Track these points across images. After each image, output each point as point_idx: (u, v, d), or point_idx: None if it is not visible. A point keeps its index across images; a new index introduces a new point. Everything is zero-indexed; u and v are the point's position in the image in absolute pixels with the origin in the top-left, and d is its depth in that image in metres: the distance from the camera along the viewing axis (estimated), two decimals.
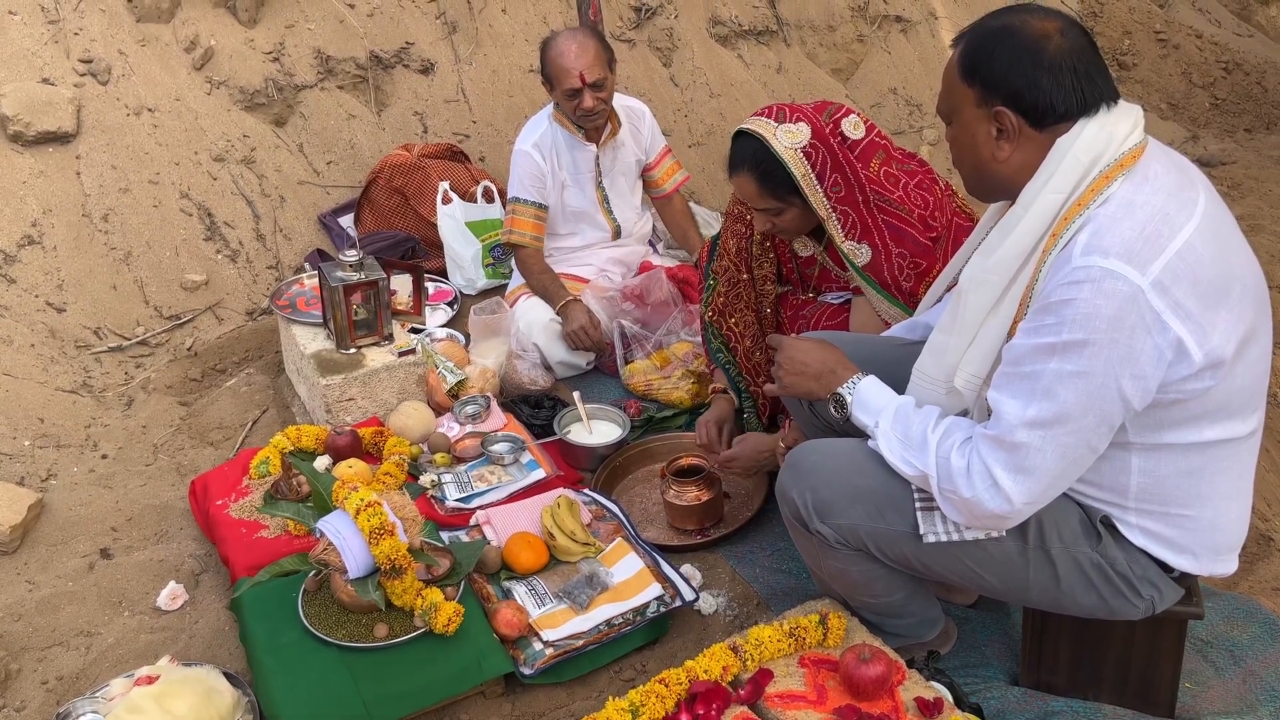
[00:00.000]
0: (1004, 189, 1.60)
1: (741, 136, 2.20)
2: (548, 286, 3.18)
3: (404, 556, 1.99)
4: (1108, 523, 1.64)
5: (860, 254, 2.22)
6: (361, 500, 2.00)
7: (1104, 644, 1.85)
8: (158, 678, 1.91)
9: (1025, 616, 1.91)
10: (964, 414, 1.67)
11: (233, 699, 1.93)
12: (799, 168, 2.15)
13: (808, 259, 2.46)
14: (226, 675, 1.98)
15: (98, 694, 1.94)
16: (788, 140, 2.15)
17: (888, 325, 2.24)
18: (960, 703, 1.78)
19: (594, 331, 3.05)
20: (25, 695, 2.04)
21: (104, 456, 2.81)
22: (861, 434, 1.75)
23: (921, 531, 1.65)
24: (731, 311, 2.51)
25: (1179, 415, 1.51)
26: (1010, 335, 1.56)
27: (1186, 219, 1.46)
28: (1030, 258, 1.54)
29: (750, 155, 2.18)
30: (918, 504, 1.65)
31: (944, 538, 1.64)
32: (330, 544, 1.99)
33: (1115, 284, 1.40)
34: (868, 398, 1.73)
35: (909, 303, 2.22)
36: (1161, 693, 1.87)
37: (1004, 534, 1.63)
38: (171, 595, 2.28)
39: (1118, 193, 1.47)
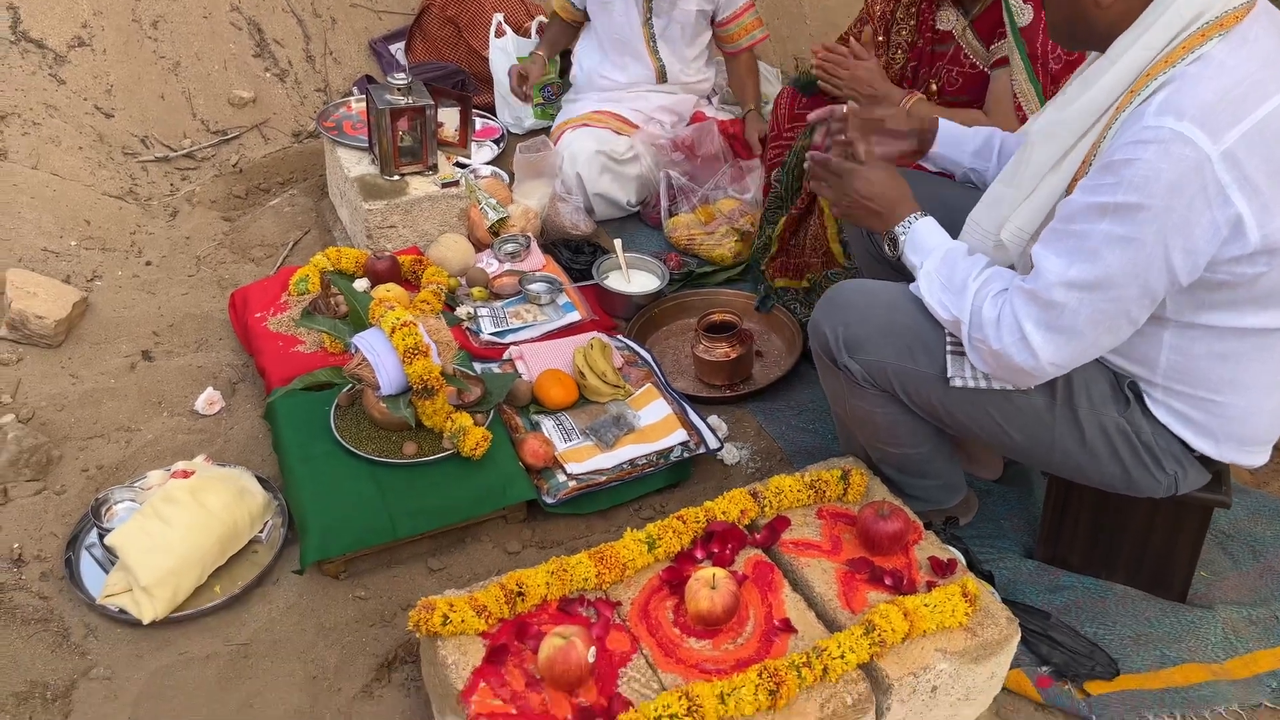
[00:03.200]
0: (1098, 38, 1.50)
1: None
2: (552, 37, 3.39)
3: (436, 378, 2.00)
4: (1136, 389, 1.61)
5: (1024, 13, 2.17)
6: (397, 319, 2.00)
7: (1124, 523, 1.85)
8: (194, 473, 1.97)
9: (1049, 489, 1.90)
10: (1012, 268, 1.63)
11: (263, 500, 2.00)
12: None
13: (945, 34, 2.41)
14: (258, 479, 2.04)
15: (135, 484, 2.01)
16: None
17: (1020, 113, 2.19)
18: (973, 568, 1.80)
19: (526, 86, 3.28)
20: (66, 480, 2.12)
21: (148, 263, 2.84)
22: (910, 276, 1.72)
23: (950, 375, 1.64)
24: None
25: (1224, 298, 1.47)
26: (1069, 192, 1.50)
27: (1278, 89, 1.38)
28: (1104, 114, 1.46)
29: None
30: (949, 347, 1.64)
31: (971, 384, 1.63)
32: (364, 359, 2.00)
33: (1182, 149, 1.34)
34: (921, 238, 1.69)
35: (1048, 88, 2.15)
36: (1176, 577, 1.88)
37: (1031, 388, 1.62)
38: (209, 400, 2.33)
39: (1210, 51, 1.38)
